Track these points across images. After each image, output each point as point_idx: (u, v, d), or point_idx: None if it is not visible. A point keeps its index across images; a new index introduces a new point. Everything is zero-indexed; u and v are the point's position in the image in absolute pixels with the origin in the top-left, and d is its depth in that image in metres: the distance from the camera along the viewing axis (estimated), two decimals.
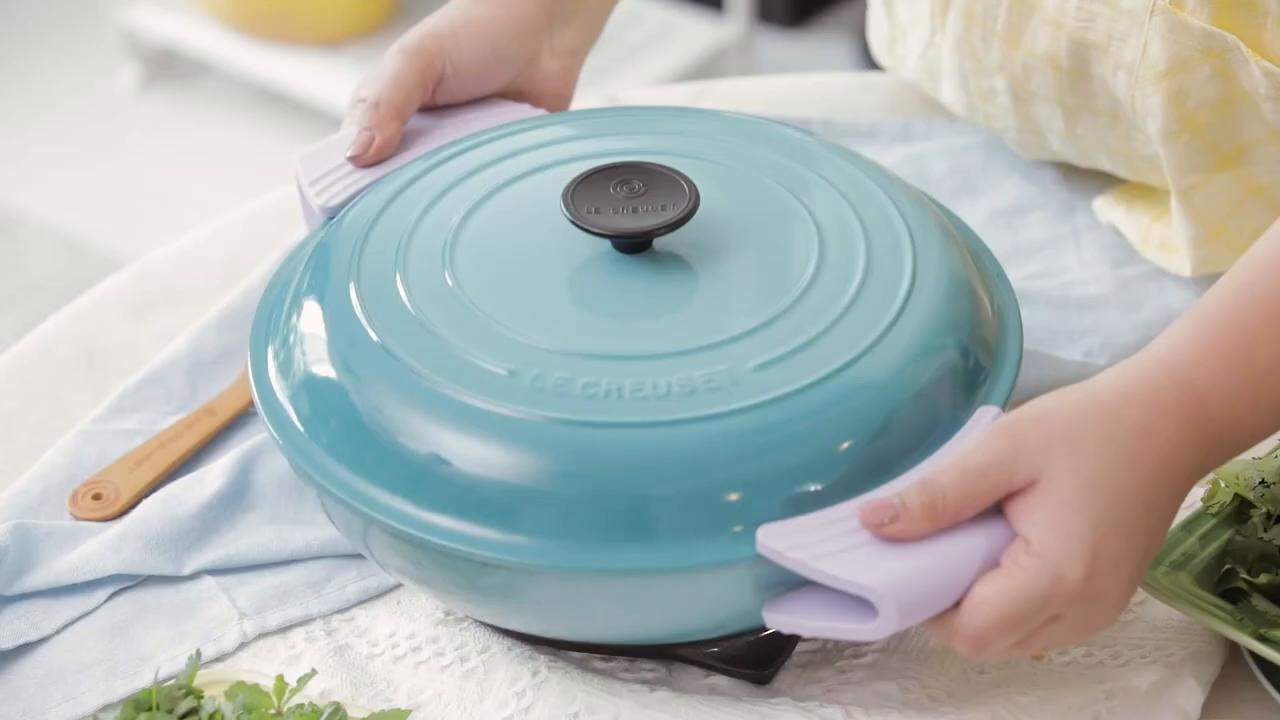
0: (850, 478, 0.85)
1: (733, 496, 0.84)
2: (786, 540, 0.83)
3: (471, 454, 0.85)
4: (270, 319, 0.95)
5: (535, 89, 1.10)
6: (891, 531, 0.82)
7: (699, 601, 0.86)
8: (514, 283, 0.92)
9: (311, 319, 0.92)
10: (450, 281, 0.92)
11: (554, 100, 1.11)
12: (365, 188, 1.01)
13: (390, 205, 0.96)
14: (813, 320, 0.89)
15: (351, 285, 0.92)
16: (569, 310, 0.91)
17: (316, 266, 0.95)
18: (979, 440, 0.83)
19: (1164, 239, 1.13)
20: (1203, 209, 1.08)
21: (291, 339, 0.92)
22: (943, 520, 0.82)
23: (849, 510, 0.84)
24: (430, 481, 0.86)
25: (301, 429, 0.90)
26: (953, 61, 1.16)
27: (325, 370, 0.90)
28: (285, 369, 0.92)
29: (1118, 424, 0.83)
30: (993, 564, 0.82)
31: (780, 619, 0.84)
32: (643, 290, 0.91)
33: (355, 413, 0.88)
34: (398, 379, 0.88)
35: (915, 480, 0.83)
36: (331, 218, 1.01)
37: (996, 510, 0.83)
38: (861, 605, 0.82)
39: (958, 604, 0.82)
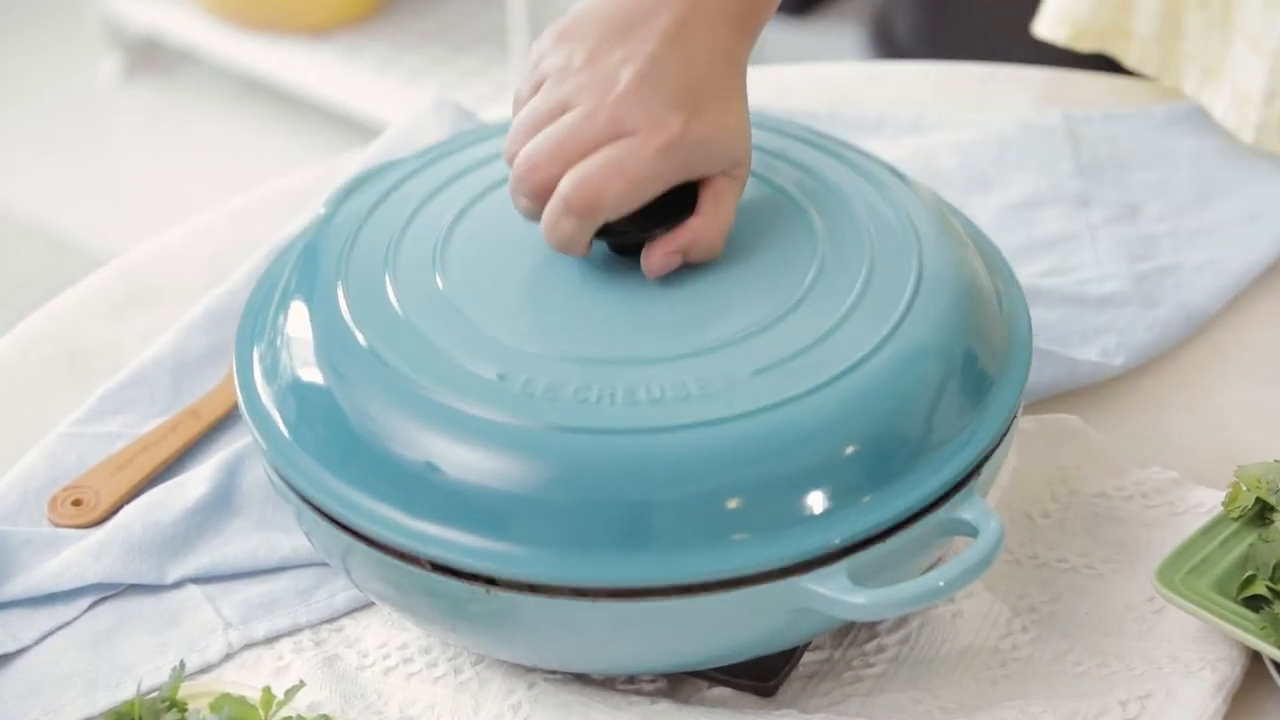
0: (853, 485, 0.84)
1: (731, 504, 0.83)
2: None
3: (459, 459, 0.85)
4: (256, 320, 0.95)
5: None
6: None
7: (700, 624, 0.85)
8: (506, 285, 0.91)
9: (298, 321, 0.91)
10: (441, 284, 0.91)
11: None
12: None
13: (380, 205, 0.95)
14: (814, 324, 0.88)
15: (339, 287, 0.91)
16: (562, 313, 0.90)
17: (304, 267, 0.94)
18: None
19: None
20: None
21: (278, 341, 0.92)
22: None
23: None
24: (417, 487, 0.85)
25: (287, 434, 0.89)
26: None
27: (311, 374, 0.89)
28: (271, 372, 0.91)
29: None
30: None
31: None
32: (638, 293, 0.90)
33: (342, 417, 0.87)
34: (385, 383, 0.87)
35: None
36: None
37: None
38: None
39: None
